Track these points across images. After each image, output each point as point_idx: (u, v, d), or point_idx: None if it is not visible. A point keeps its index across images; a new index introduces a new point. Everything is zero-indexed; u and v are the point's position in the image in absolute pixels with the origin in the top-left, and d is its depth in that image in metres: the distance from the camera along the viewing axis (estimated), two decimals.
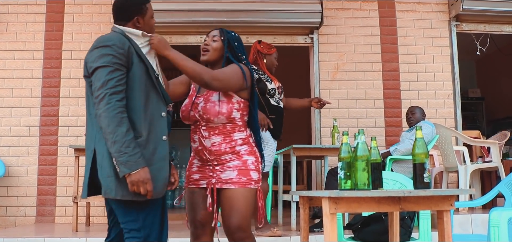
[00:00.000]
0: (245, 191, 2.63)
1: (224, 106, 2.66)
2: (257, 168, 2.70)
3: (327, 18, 6.32)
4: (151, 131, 2.34)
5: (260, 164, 2.74)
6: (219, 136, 2.68)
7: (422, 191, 2.39)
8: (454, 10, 6.36)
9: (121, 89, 2.27)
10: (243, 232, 2.62)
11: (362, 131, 2.54)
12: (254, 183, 2.67)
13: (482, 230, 4.80)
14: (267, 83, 4.46)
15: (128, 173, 2.20)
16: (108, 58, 2.28)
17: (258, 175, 2.69)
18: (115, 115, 2.21)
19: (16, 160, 5.92)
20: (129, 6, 2.49)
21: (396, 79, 6.34)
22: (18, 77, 6.06)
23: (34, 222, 5.82)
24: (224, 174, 2.67)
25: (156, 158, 2.33)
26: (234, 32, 2.89)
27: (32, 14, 6.18)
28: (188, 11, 6.04)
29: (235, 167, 2.66)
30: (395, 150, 5.19)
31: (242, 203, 2.62)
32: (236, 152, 2.68)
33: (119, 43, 2.33)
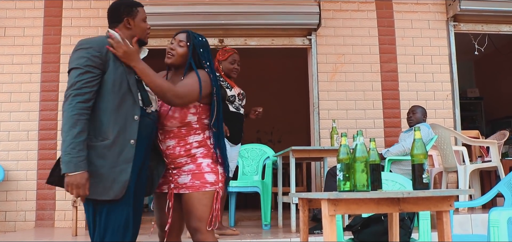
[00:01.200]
0: (199, 194, 2.66)
1: (177, 111, 2.68)
2: (214, 170, 2.71)
3: (325, 19, 6.32)
4: (120, 133, 2.40)
5: (219, 165, 2.74)
6: (173, 139, 2.71)
7: (421, 192, 2.38)
8: (451, 10, 6.36)
9: (87, 91, 2.35)
10: (201, 234, 2.66)
11: (360, 132, 2.54)
12: (209, 186, 2.68)
13: (482, 230, 4.80)
14: (227, 89, 4.54)
15: (66, 173, 2.28)
16: (82, 61, 2.37)
17: (214, 176, 2.70)
18: (72, 116, 2.30)
19: (15, 164, 5.91)
20: (119, 8, 2.59)
21: (395, 80, 6.34)
22: (17, 81, 6.06)
23: (34, 227, 5.81)
24: (180, 178, 2.71)
25: (120, 160, 2.39)
26: (202, 37, 2.86)
27: (30, 18, 6.18)
28: (186, 14, 6.04)
29: (189, 171, 2.70)
30: (387, 152, 5.19)
31: (197, 206, 2.64)
32: (191, 155, 2.70)
33: (96, 46, 2.42)
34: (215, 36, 6.27)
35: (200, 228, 2.65)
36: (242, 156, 5.95)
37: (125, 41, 2.49)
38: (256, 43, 6.36)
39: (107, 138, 2.37)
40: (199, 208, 2.64)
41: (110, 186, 2.34)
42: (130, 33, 2.60)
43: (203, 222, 2.64)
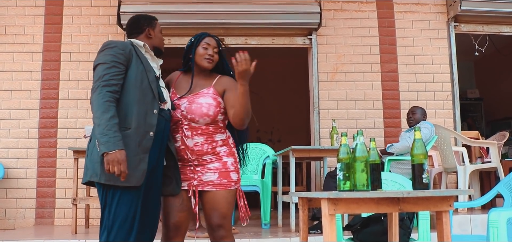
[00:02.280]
0: (225, 193, 2.75)
1: (212, 108, 2.77)
2: (236, 169, 2.82)
3: (325, 19, 6.33)
4: (140, 125, 2.54)
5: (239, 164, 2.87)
6: (201, 136, 2.77)
7: (421, 191, 2.39)
8: (452, 11, 6.36)
9: (115, 83, 2.51)
10: (224, 230, 2.74)
11: (361, 132, 2.54)
12: (234, 184, 2.78)
13: (481, 230, 4.81)
14: None
15: (106, 152, 2.38)
16: (108, 57, 2.55)
17: (237, 175, 2.81)
18: (103, 102, 2.43)
19: (15, 162, 5.91)
20: (140, 20, 2.86)
21: (395, 80, 6.35)
22: (17, 79, 6.06)
23: (33, 224, 5.82)
24: (205, 176, 2.76)
25: (140, 149, 2.52)
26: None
27: (30, 16, 6.19)
28: (187, 13, 6.05)
29: (215, 169, 2.77)
30: (391, 146, 5.19)
31: (223, 204, 2.74)
32: (216, 153, 2.78)
33: (121, 46, 2.61)
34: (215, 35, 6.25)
35: (224, 224, 2.73)
36: None
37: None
38: (256, 42, 6.36)
39: (129, 128, 2.52)
40: (225, 205, 2.73)
41: (132, 173, 2.45)
42: (150, 42, 2.82)
43: (227, 219, 2.74)
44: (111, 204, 2.49)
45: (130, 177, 2.44)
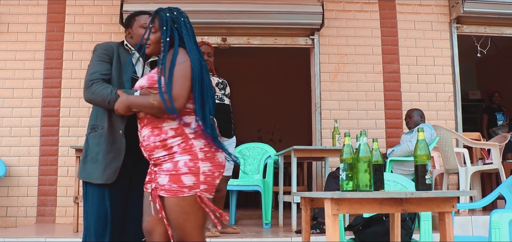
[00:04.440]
0: (177, 200, 2.31)
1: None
2: (193, 170, 2.32)
3: (328, 19, 6.33)
4: (112, 124, 2.60)
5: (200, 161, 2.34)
6: (147, 127, 2.42)
7: (424, 192, 2.39)
8: (454, 12, 6.37)
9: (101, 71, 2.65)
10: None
11: (364, 133, 2.55)
12: (187, 190, 2.30)
13: (482, 231, 4.81)
14: None
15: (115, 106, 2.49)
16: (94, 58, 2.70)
17: (193, 178, 2.31)
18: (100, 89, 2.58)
19: (16, 160, 5.92)
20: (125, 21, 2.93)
21: (397, 81, 6.35)
22: (19, 77, 6.07)
23: (35, 222, 5.82)
24: (160, 178, 2.38)
25: (113, 148, 2.58)
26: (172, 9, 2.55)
27: (33, 15, 6.19)
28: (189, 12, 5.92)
29: (167, 171, 2.35)
30: (392, 152, 5.20)
31: (176, 214, 2.32)
32: (168, 148, 2.37)
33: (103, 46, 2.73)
34: (218, 35, 6.28)
35: (182, 238, 2.34)
36: (244, 154, 5.95)
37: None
38: (259, 42, 6.37)
39: (103, 127, 2.60)
40: (179, 216, 2.31)
41: (103, 170, 2.55)
42: (133, 41, 2.82)
43: (186, 233, 2.33)
44: (86, 201, 2.59)
45: (102, 174, 2.53)
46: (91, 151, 2.60)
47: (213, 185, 2.39)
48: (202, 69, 2.43)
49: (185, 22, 2.52)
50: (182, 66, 2.37)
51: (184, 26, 2.49)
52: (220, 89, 4.57)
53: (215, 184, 2.40)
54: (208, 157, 2.36)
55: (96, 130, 2.63)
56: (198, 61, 2.42)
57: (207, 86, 2.44)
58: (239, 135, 9.61)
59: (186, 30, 2.49)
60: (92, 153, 2.60)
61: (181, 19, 2.51)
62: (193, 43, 2.47)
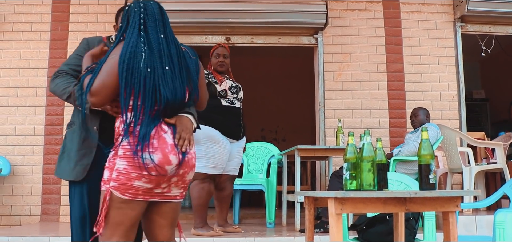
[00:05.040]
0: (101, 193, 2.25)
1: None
2: (109, 165, 2.22)
3: (331, 18, 6.32)
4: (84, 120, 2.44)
5: (118, 158, 2.19)
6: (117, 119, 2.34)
7: (428, 192, 2.39)
8: (459, 11, 6.35)
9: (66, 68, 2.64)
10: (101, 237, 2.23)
11: (368, 132, 2.54)
12: (103, 184, 2.23)
13: (487, 231, 4.80)
14: (216, 85, 4.53)
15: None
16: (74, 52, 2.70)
17: (108, 173, 2.21)
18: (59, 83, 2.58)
19: (21, 159, 5.94)
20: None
21: (401, 80, 6.34)
22: (24, 76, 6.09)
23: (39, 221, 5.85)
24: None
25: (85, 144, 2.47)
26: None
27: (37, 14, 6.21)
28: (193, 11, 6.06)
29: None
30: (398, 153, 5.19)
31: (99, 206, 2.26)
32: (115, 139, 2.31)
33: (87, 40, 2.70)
34: (222, 34, 6.28)
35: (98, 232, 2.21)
36: (247, 154, 5.96)
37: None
38: (262, 41, 6.37)
39: (74, 123, 2.54)
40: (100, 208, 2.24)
41: (73, 167, 2.47)
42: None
43: (103, 226, 2.20)
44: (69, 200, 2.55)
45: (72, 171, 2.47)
46: (67, 147, 2.55)
47: (128, 186, 2.15)
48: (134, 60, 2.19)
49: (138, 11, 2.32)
50: (110, 62, 2.23)
51: (133, 15, 2.32)
52: (233, 93, 4.61)
53: (132, 186, 2.16)
54: (126, 156, 2.16)
55: (71, 126, 2.57)
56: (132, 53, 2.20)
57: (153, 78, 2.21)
58: None
59: (134, 19, 2.31)
60: (67, 150, 2.54)
61: (134, 9, 2.34)
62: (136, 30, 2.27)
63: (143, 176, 2.15)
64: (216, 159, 4.39)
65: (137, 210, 2.21)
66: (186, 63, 2.36)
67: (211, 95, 4.43)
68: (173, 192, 2.30)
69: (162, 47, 2.27)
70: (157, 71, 2.22)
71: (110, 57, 2.24)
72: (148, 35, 2.27)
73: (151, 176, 2.15)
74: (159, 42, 2.27)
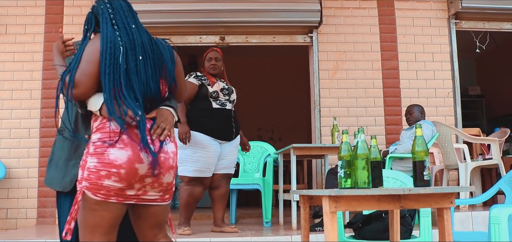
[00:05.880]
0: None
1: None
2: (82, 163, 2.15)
3: (326, 17, 6.32)
4: (76, 128, 2.37)
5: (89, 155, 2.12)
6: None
7: (422, 189, 2.39)
8: (453, 8, 6.36)
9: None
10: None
11: (361, 130, 2.54)
12: (77, 183, 2.17)
13: (483, 227, 4.81)
14: (208, 87, 4.56)
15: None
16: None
17: (80, 172, 2.13)
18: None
19: (16, 162, 5.92)
20: None
21: (396, 78, 6.34)
22: (18, 79, 6.07)
23: (35, 224, 5.83)
24: None
25: (76, 154, 2.32)
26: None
27: (31, 16, 6.19)
28: (187, 12, 6.05)
29: None
30: (394, 150, 5.20)
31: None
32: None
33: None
34: (216, 33, 6.28)
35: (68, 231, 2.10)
36: (243, 153, 5.95)
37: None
38: (257, 40, 6.37)
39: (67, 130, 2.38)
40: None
41: (63, 177, 2.35)
42: None
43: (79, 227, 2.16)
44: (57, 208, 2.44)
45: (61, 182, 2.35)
46: (55, 155, 2.43)
47: (98, 185, 2.07)
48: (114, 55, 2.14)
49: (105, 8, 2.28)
50: (88, 50, 2.18)
51: (101, 12, 2.27)
52: (225, 94, 4.64)
53: (102, 186, 2.07)
54: (96, 153, 2.09)
55: (62, 132, 2.42)
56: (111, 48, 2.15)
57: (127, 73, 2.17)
58: None
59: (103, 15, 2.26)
60: (55, 157, 2.42)
61: (100, 7, 2.30)
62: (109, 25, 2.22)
63: (112, 174, 2.05)
64: (201, 163, 4.43)
65: (113, 212, 2.12)
66: (160, 51, 2.31)
67: (202, 96, 4.50)
68: (150, 194, 2.18)
69: (135, 37, 2.23)
70: (131, 64, 2.17)
71: (87, 48, 2.19)
72: (119, 29, 2.22)
73: (121, 174, 2.06)
74: (132, 32, 2.23)
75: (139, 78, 2.18)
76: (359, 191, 2.34)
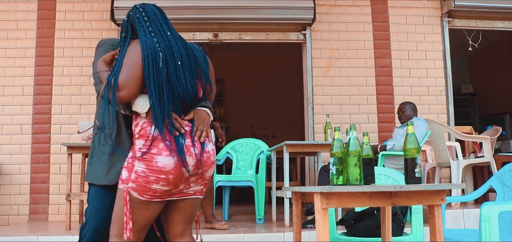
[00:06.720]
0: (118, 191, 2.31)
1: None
2: (128, 166, 2.28)
3: (319, 14, 6.33)
4: (119, 124, 2.45)
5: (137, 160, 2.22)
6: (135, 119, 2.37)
7: (413, 186, 2.40)
8: (446, 6, 6.38)
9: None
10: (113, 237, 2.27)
11: (353, 127, 2.55)
12: (121, 183, 2.29)
13: (474, 224, 4.83)
14: None
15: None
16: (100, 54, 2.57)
17: (127, 173, 2.26)
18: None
19: (8, 158, 5.89)
20: None
21: (389, 75, 6.36)
22: (10, 75, 6.04)
23: (27, 220, 5.80)
24: None
25: (119, 150, 2.44)
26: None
27: (23, 12, 6.15)
28: (181, 8, 6.03)
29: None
30: (392, 146, 5.20)
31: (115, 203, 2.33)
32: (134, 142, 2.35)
33: (111, 41, 2.63)
34: (209, 30, 6.26)
35: (111, 231, 2.28)
36: (236, 150, 5.95)
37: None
38: (250, 37, 6.36)
39: (110, 127, 2.46)
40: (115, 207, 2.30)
41: (107, 171, 2.44)
42: None
43: (114, 224, 2.28)
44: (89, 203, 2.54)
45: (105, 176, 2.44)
46: (97, 151, 2.50)
47: (146, 188, 2.18)
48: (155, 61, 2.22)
49: (140, 16, 2.38)
50: (130, 54, 2.26)
51: (138, 21, 2.37)
52: None
53: (150, 189, 2.18)
54: (144, 159, 2.19)
55: (103, 129, 2.50)
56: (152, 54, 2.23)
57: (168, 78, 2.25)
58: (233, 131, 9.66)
59: (140, 23, 2.35)
60: (98, 153, 2.50)
61: (135, 15, 2.39)
62: (147, 33, 2.31)
63: (161, 180, 2.17)
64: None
65: (153, 211, 2.26)
66: (194, 55, 2.40)
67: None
68: (193, 188, 2.32)
69: (172, 43, 2.31)
70: (171, 69, 2.26)
71: (129, 53, 2.27)
72: (156, 36, 2.31)
73: (169, 179, 2.18)
74: (169, 39, 2.32)
75: (179, 82, 2.27)
76: (351, 188, 2.34)
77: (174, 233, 2.38)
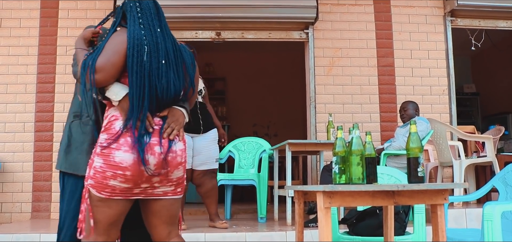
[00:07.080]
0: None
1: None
2: (90, 162, 2.20)
3: (322, 13, 6.32)
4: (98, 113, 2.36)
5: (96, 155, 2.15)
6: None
7: (416, 185, 2.40)
8: (449, 5, 6.37)
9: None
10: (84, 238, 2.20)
11: (356, 126, 2.55)
12: (84, 180, 2.22)
13: (476, 224, 4.82)
14: None
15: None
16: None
17: (88, 170, 2.19)
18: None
19: (11, 156, 5.90)
20: None
21: (391, 75, 6.35)
22: (13, 73, 6.04)
23: (30, 218, 5.81)
24: None
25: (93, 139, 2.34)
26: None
27: (26, 10, 6.16)
28: (184, 7, 6.03)
29: None
30: (389, 146, 5.21)
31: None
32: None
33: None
34: (212, 29, 6.26)
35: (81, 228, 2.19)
36: (239, 149, 5.96)
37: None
38: (253, 36, 6.36)
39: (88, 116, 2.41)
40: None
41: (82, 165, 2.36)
42: None
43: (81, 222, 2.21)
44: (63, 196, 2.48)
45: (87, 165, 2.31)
46: (76, 140, 2.43)
47: (104, 184, 2.11)
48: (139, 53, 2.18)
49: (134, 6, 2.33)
50: (115, 40, 2.22)
51: (130, 10, 2.33)
52: None
53: (107, 185, 2.11)
54: (103, 153, 2.13)
55: (80, 118, 2.45)
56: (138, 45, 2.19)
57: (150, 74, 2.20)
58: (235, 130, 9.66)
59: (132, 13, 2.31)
60: (76, 143, 2.42)
61: (129, 4, 2.35)
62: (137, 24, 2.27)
63: (118, 176, 2.10)
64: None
65: (116, 209, 2.17)
66: (182, 57, 2.36)
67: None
68: (161, 189, 2.23)
69: (159, 40, 2.27)
70: (153, 65, 2.20)
71: (113, 38, 2.23)
72: (145, 28, 2.27)
73: (127, 176, 2.10)
74: (157, 35, 2.28)
75: (160, 80, 2.21)
76: (353, 187, 2.34)
77: (159, 237, 2.31)
